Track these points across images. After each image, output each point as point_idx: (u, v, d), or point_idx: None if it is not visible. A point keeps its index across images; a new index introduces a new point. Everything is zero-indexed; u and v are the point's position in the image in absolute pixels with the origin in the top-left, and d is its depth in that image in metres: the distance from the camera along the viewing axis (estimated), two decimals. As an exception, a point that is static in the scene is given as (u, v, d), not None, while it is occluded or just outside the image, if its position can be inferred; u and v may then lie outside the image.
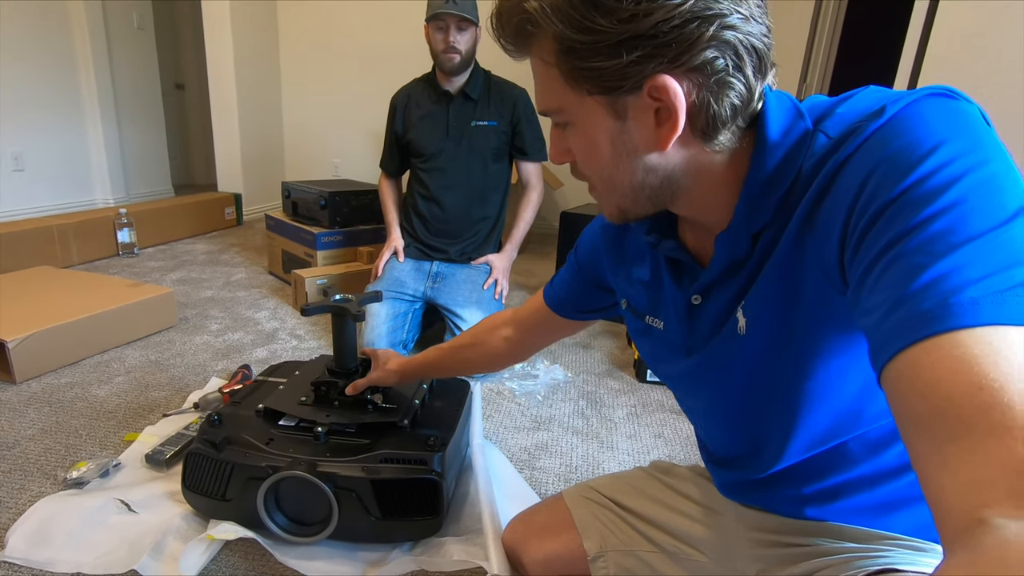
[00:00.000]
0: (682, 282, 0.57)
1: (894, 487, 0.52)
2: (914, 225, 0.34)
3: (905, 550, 0.50)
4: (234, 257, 2.81)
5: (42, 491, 1.05)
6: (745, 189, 0.47)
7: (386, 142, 1.95)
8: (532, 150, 1.87)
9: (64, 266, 2.43)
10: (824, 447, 0.52)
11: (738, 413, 0.57)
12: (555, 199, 3.63)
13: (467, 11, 1.67)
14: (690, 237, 0.56)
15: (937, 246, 0.33)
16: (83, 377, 1.50)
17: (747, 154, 0.47)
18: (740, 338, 0.51)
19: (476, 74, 1.81)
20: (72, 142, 3.26)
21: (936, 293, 0.32)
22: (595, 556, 0.73)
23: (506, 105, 1.82)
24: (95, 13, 3.22)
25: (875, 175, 0.37)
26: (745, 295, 0.50)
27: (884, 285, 0.35)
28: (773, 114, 0.46)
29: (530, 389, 1.58)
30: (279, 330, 1.92)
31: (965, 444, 0.29)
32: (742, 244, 0.49)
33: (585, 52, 0.42)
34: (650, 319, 0.62)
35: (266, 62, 3.86)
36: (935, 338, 0.31)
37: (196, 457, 0.94)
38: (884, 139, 0.38)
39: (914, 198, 0.35)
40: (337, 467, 0.90)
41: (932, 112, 0.38)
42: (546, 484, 1.17)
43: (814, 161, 0.43)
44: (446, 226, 1.85)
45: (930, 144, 0.36)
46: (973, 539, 0.26)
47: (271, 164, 4.03)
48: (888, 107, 0.40)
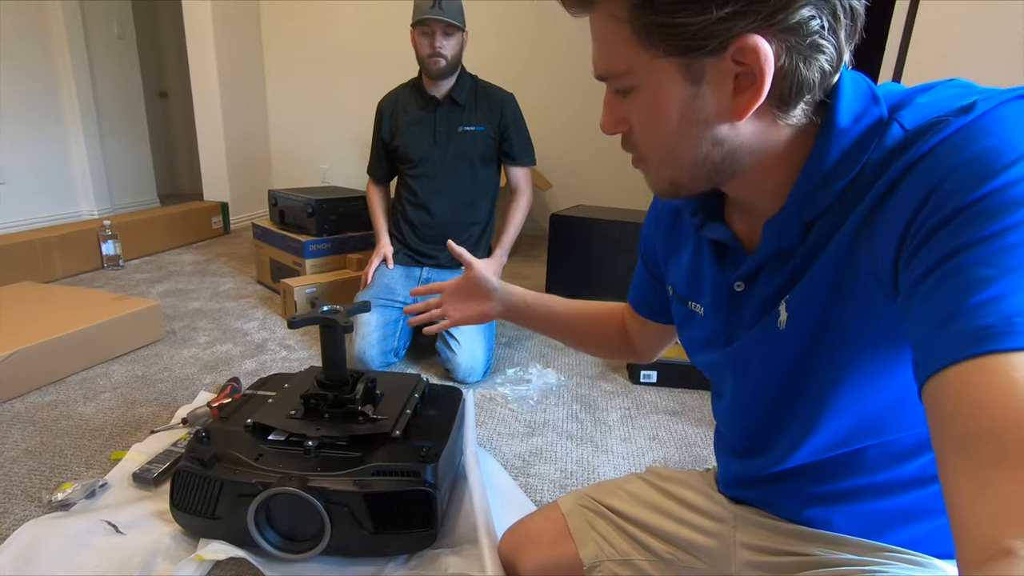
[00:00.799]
0: (725, 267, 0.54)
1: (905, 499, 0.50)
2: (985, 236, 0.32)
3: (903, 564, 0.49)
4: (222, 267, 2.78)
5: (27, 514, 1.03)
6: (803, 174, 0.44)
7: (373, 148, 1.94)
8: (520, 155, 1.86)
9: (47, 280, 2.39)
10: (840, 451, 0.51)
11: (761, 405, 0.55)
12: (545, 201, 3.63)
13: (453, 16, 1.66)
14: (737, 221, 0.54)
15: (1007, 261, 0.31)
16: (68, 395, 1.48)
17: (811, 136, 0.44)
18: (779, 333, 0.49)
19: (463, 79, 1.80)
20: (54, 154, 3.21)
21: (999, 309, 0.30)
22: (591, 566, 0.72)
23: (493, 110, 1.81)
24: (74, 22, 3.18)
25: (951, 177, 0.35)
26: (791, 288, 0.48)
27: (941, 295, 0.33)
28: (847, 95, 0.42)
29: (523, 394, 1.57)
30: (268, 341, 1.90)
31: (1006, 473, 0.27)
32: (792, 232, 0.46)
33: (667, 6, 0.38)
34: (692, 304, 0.60)
35: (250, 69, 3.83)
36: (991, 356, 0.29)
37: (184, 475, 0.93)
38: (967, 139, 0.35)
39: (990, 207, 0.33)
40: (328, 481, 0.88)
41: (1023, 117, 0.35)
42: (541, 491, 1.16)
43: (883, 154, 0.40)
44: (435, 232, 1.83)
45: (1017, 152, 0.33)
46: (997, 568, 0.25)
47: (258, 172, 3.99)
48: (979, 103, 0.37)
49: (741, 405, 0.59)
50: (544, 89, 3.40)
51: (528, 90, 3.44)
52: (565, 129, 3.44)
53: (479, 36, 3.44)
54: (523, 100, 1.89)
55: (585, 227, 2.22)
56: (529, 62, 3.43)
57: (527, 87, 3.43)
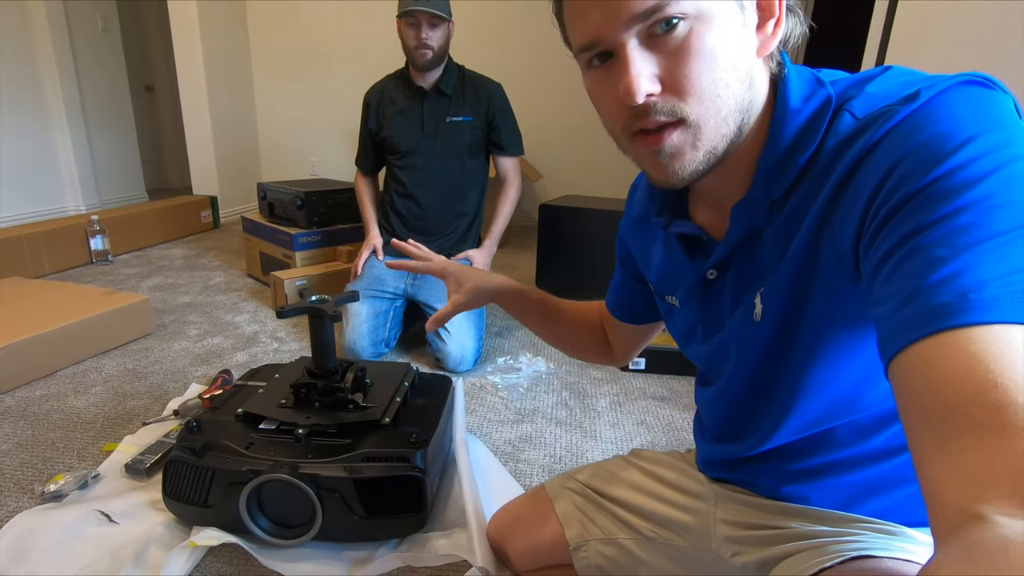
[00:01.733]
0: (696, 258, 0.56)
1: (875, 471, 0.52)
2: (939, 217, 0.33)
3: (876, 534, 0.51)
4: (211, 261, 2.77)
5: (19, 506, 1.03)
6: (764, 155, 0.46)
7: (361, 140, 1.94)
8: (508, 144, 1.86)
9: (35, 276, 2.37)
10: (815, 430, 0.53)
11: (739, 393, 0.57)
12: (535, 191, 3.63)
13: (439, 7, 1.65)
14: (703, 214, 0.55)
15: (961, 240, 0.32)
16: (59, 388, 1.48)
17: (767, 120, 0.46)
18: (755, 324, 0.51)
19: (450, 69, 1.79)
20: (39, 148, 3.18)
21: (955, 287, 0.31)
22: (576, 546, 0.74)
23: (481, 100, 1.81)
24: (57, 16, 3.13)
25: (903, 163, 0.36)
26: (764, 280, 0.49)
27: (901, 275, 0.34)
28: (793, 80, 0.45)
29: (513, 382, 1.59)
30: (259, 333, 1.90)
31: (972, 441, 0.28)
32: (759, 212, 0.48)
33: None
34: (669, 298, 0.62)
35: (237, 61, 3.79)
36: (951, 332, 0.30)
37: (176, 464, 0.94)
38: (916, 126, 0.37)
39: (942, 190, 0.34)
40: (319, 468, 0.90)
41: (967, 102, 0.37)
42: (530, 475, 1.18)
43: (838, 141, 0.42)
44: (424, 223, 1.84)
45: (964, 136, 0.35)
46: (970, 534, 0.26)
47: (246, 165, 3.97)
48: (923, 92, 0.38)
49: (721, 393, 0.61)
50: (533, 79, 3.40)
51: (517, 80, 3.43)
52: (554, 119, 3.44)
53: (468, 25, 3.43)
54: (511, 90, 1.88)
55: (575, 217, 2.23)
56: (517, 52, 3.42)
57: (516, 77, 3.43)
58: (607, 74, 0.44)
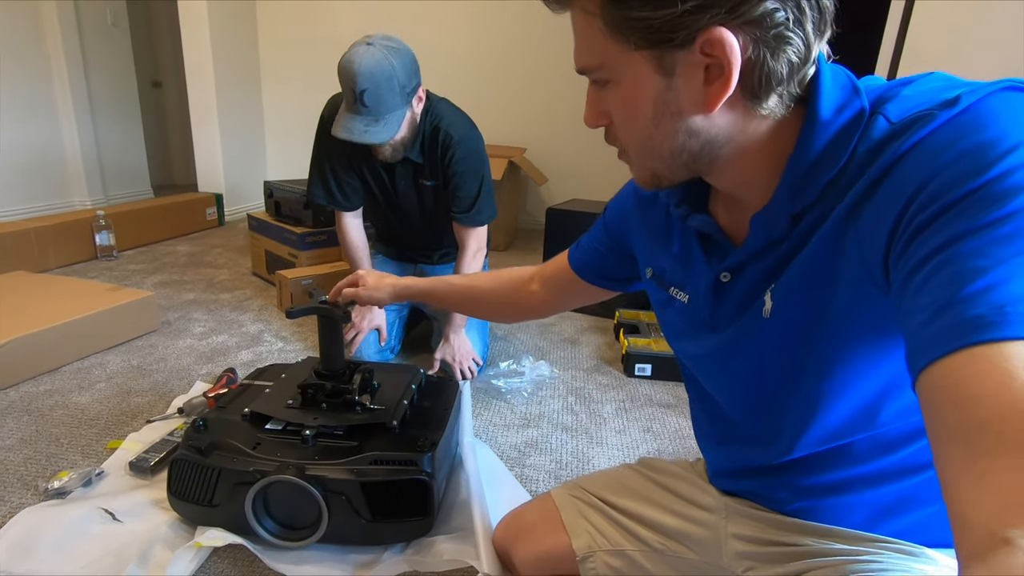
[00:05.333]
0: (711, 258, 0.55)
1: (896, 488, 0.51)
2: (980, 226, 0.32)
3: (895, 554, 0.50)
4: (217, 258, 2.77)
5: (23, 502, 1.03)
6: (789, 167, 0.44)
7: (320, 171, 1.56)
8: (462, 212, 1.52)
9: (41, 270, 2.37)
10: (834, 443, 0.51)
11: (755, 399, 0.56)
12: (541, 195, 3.64)
13: (382, 113, 1.31)
14: (723, 212, 0.54)
15: (1002, 251, 0.31)
16: (63, 384, 1.48)
17: (795, 129, 0.44)
18: (764, 321, 0.49)
19: (418, 134, 1.46)
20: (46, 143, 3.18)
21: (992, 299, 0.30)
22: (584, 556, 0.73)
23: (441, 160, 1.49)
24: (67, 11, 3.14)
25: (944, 172, 0.35)
26: (776, 278, 0.48)
27: (934, 286, 0.33)
28: (827, 88, 0.43)
29: (516, 386, 1.58)
30: (264, 332, 1.90)
31: (1003, 462, 0.27)
32: (780, 225, 0.46)
33: (635, 0, 0.40)
34: (674, 291, 0.60)
35: (245, 58, 3.80)
36: (984, 346, 0.29)
37: (182, 463, 0.93)
38: (958, 133, 0.36)
39: (984, 198, 0.33)
40: (326, 470, 0.89)
41: (1012, 108, 0.35)
42: (536, 481, 1.17)
43: (870, 146, 0.41)
44: (416, 245, 1.77)
45: (1008, 143, 0.34)
46: (996, 558, 0.25)
47: (253, 163, 3.97)
48: (963, 97, 0.37)
49: (733, 399, 0.59)
50: (540, 83, 3.40)
51: (523, 83, 3.45)
52: (561, 123, 3.44)
53: (477, 28, 3.44)
54: (522, 94, 1.77)
55: (581, 220, 2.23)
56: (525, 55, 3.42)
57: (522, 80, 3.44)
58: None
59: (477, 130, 1.56)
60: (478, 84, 3.49)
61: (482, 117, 3.82)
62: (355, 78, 1.28)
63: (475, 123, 1.59)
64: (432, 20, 3.48)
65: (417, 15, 3.49)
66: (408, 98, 1.35)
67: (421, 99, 1.42)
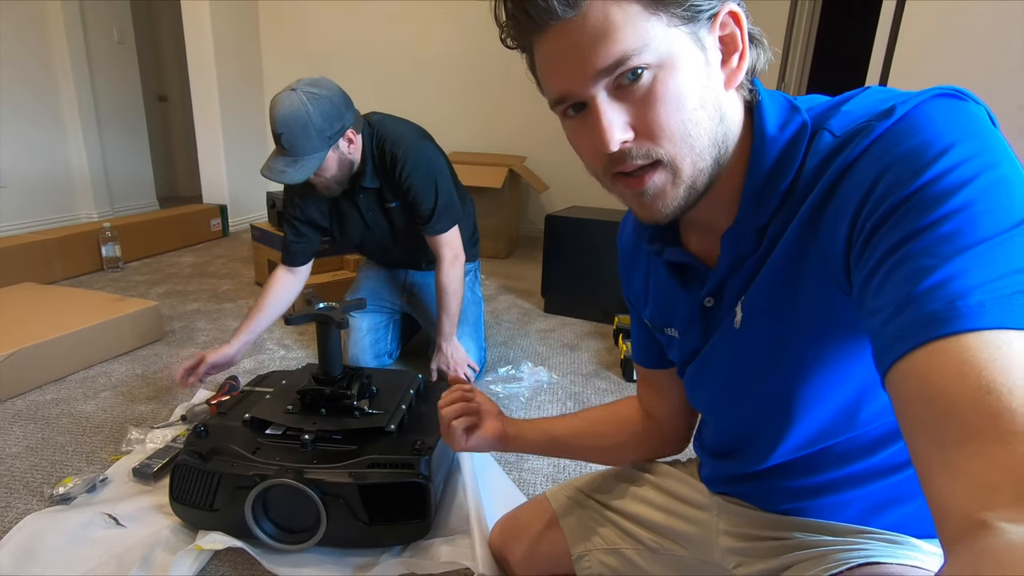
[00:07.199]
0: (691, 287, 0.56)
1: (881, 487, 0.52)
2: (923, 227, 0.34)
3: (881, 543, 0.51)
4: (220, 269, 2.79)
5: (28, 508, 1.05)
6: (747, 182, 0.47)
7: (288, 217, 1.59)
8: (423, 221, 1.50)
9: (48, 282, 2.40)
10: (816, 448, 0.52)
11: (733, 409, 0.57)
12: (541, 202, 3.65)
13: (305, 153, 1.34)
14: (694, 240, 0.56)
15: (945, 248, 0.33)
16: (68, 393, 1.50)
17: (747, 148, 0.47)
18: (735, 332, 0.51)
19: (365, 160, 1.47)
20: (54, 157, 3.24)
21: (943, 295, 0.32)
22: (579, 555, 0.74)
23: (394, 175, 1.47)
24: (74, 28, 3.20)
25: (887, 175, 0.37)
26: (746, 290, 0.50)
27: (890, 286, 0.35)
28: (768, 108, 0.47)
29: (514, 391, 1.59)
30: (266, 340, 1.92)
31: (971, 448, 0.28)
32: (748, 239, 0.49)
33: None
34: (668, 330, 0.62)
35: (249, 72, 3.85)
36: (941, 341, 0.31)
37: (183, 469, 0.95)
38: (895, 139, 0.38)
39: (924, 199, 0.35)
40: (324, 473, 0.91)
41: (942, 113, 0.38)
42: (534, 484, 1.18)
43: (819, 159, 0.43)
44: (402, 261, 1.76)
45: (941, 145, 0.36)
46: (977, 541, 0.26)
47: (256, 175, 3.98)
48: (898, 107, 0.40)
49: (715, 410, 0.61)
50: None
51: (521, 90, 3.47)
52: (560, 131, 3.45)
53: (487, 41, 3.47)
54: (522, 103, 1.71)
55: (580, 228, 2.25)
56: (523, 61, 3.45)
57: (521, 87, 3.46)
58: (583, 123, 0.46)
59: (426, 138, 1.54)
60: (479, 93, 3.52)
61: (483, 126, 3.84)
62: (274, 122, 1.37)
63: (427, 131, 1.57)
64: (432, 29, 3.52)
65: (416, 25, 3.53)
66: (330, 141, 1.37)
67: (352, 140, 1.42)
